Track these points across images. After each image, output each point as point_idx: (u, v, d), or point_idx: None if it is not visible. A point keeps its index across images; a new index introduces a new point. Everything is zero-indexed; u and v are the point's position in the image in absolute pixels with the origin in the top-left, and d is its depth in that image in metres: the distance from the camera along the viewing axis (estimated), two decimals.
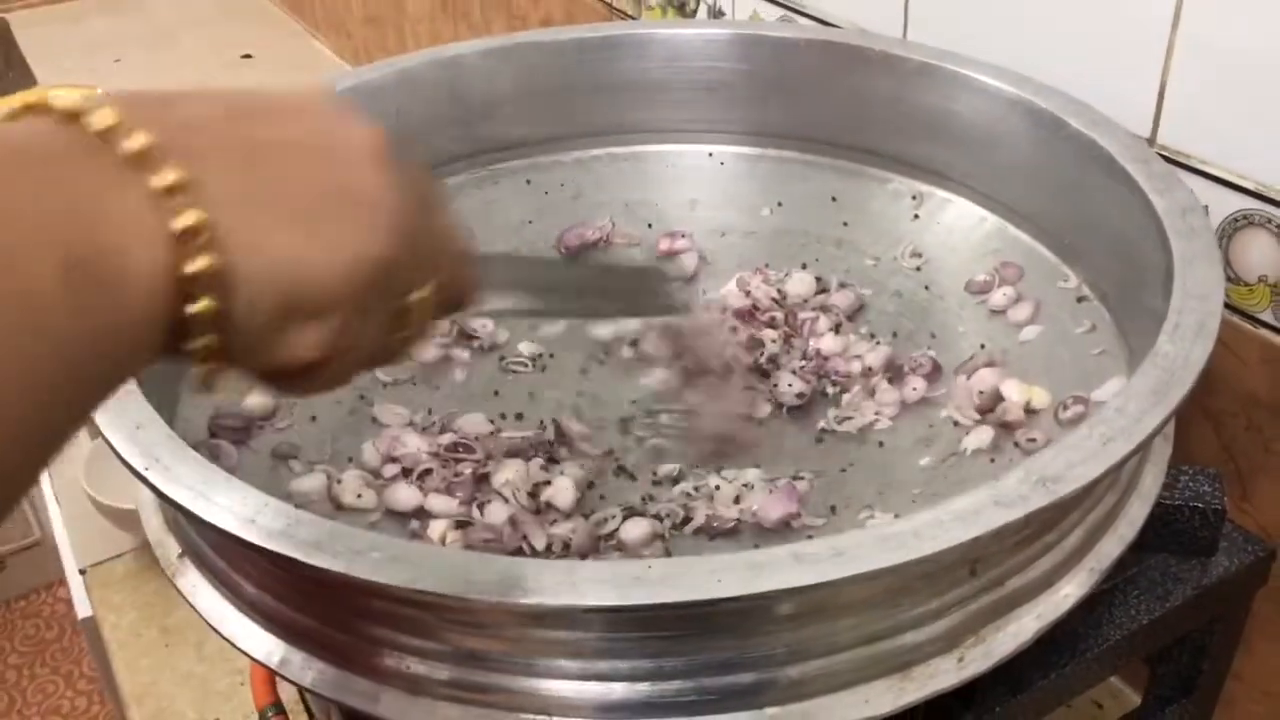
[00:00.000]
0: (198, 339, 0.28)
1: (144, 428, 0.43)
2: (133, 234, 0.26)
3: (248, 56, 2.02)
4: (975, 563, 0.41)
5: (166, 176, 0.27)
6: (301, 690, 0.77)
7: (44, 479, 1.11)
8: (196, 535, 0.48)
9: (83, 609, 1.01)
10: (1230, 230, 0.63)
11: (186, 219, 0.27)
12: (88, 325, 0.25)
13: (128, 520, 0.96)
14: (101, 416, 0.44)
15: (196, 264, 0.27)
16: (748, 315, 0.68)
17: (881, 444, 0.60)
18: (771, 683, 0.40)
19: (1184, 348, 0.44)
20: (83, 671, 2.09)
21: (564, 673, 0.40)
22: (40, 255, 0.24)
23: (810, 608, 0.39)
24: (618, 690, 0.40)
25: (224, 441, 0.57)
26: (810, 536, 0.53)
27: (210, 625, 0.46)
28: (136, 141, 0.27)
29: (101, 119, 0.27)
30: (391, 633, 0.41)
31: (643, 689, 0.40)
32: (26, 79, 1.98)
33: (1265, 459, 0.66)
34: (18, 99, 0.28)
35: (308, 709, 0.78)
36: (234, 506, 0.40)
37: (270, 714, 0.76)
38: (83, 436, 1.06)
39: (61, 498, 1.07)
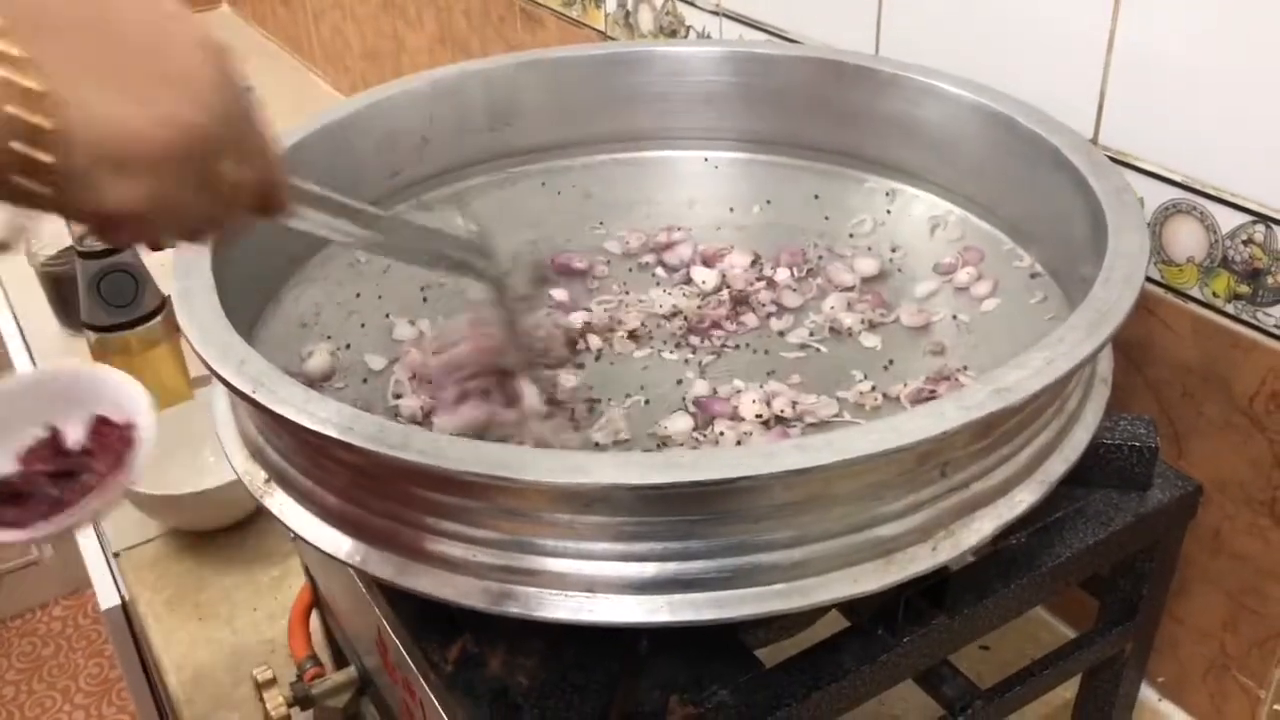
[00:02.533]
0: (25, 180, 0.34)
1: (247, 362, 0.52)
2: None
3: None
4: (945, 465, 0.50)
5: (11, 50, 0.33)
6: (332, 637, 0.84)
7: None
8: (282, 459, 0.56)
9: (107, 600, 1.07)
10: (1162, 218, 0.72)
11: (28, 82, 0.33)
12: None
13: (157, 506, 1.03)
14: (209, 354, 0.52)
15: (34, 118, 0.33)
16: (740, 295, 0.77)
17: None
18: (777, 564, 0.49)
19: (1114, 292, 0.54)
20: (79, 686, 2.13)
21: (606, 554, 0.48)
22: None
23: (811, 495, 0.48)
24: (650, 569, 0.48)
25: None
26: None
27: (296, 534, 0.54)
28: None
29: None
30: (459, 525, 0.49)
31: (671, 568, 0.48)
32: None
33: (1198, 421, 0.75)
34: None
35: (338, 661, 0.86)
36: (332, 417, 0.48)
37: (308, 665, 0.84)
38: None
39: None
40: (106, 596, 1.07)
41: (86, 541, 1.11)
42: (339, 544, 0.53)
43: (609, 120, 0.86)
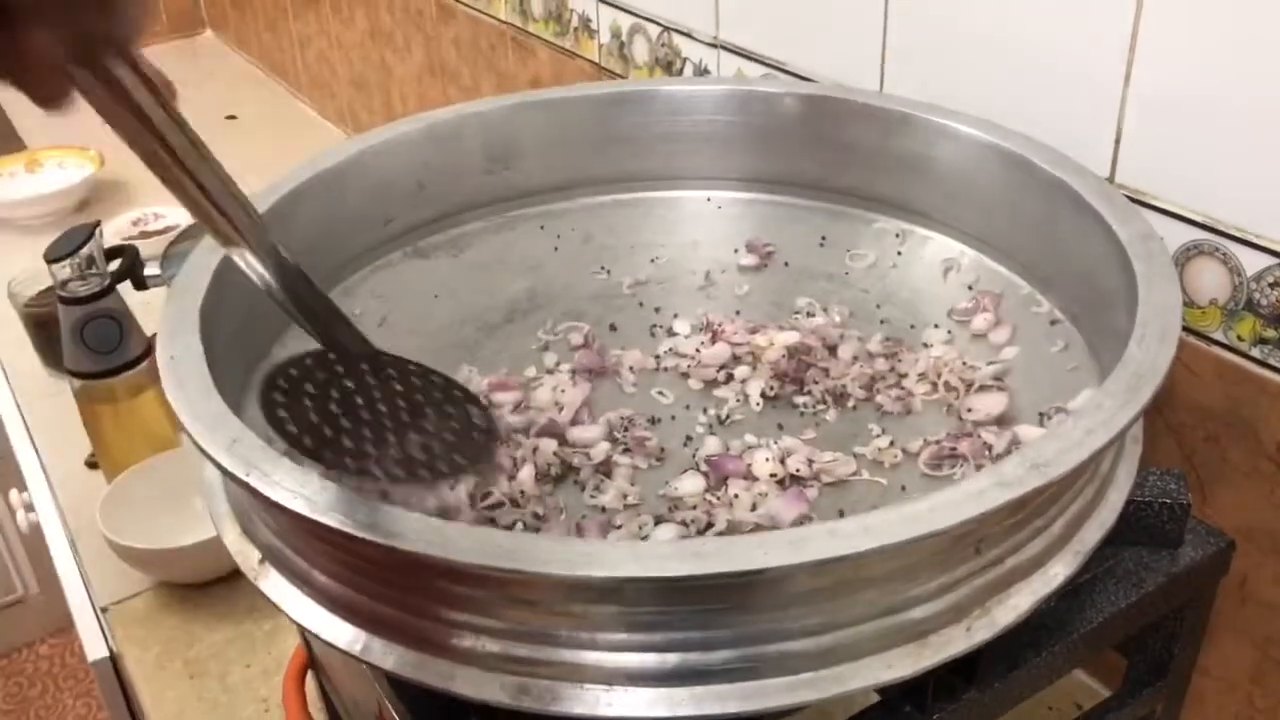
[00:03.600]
0: None
1: (240, 441, 0.49)
2: None
3: (232, 118, 2.08)
4: (980, 541, 0.47)
5: None
6: (329, 700, 0.81)
7: (58, 527, 1.14)
8: (278, 539, 0.53)
9: (94, 650, 1.04)
10: (1183, 259, 0.70)
11: None
12: None
13: (146, 560, 0.99)
14: (198, 432, 0.49)
15: None
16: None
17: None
18: (805, 652, 0.46)
19: (1150, 352, 0.51)
20: None
21: (624, 645, 0.45)
22: None
23: (840, 581, 0.45)
24: (671, 660, 0.45)
25: None
26: None
27: (295, 622, 0.51)
28: None
29: None
30: (467, 615, 0.47)
31: (694, 658, 0.45)
32: (12, 141, 2.02)
33: (1222, 467, 0.72)
34: None
35: None
36: (333, 504, 0.45)
37: None
38: (99, 479, 1.10)
39: (78, 539, 1.10)
40: (94, 648, 1.03)
41: (72, 592, 1.07)
42: (339, 631, 0.50)
43: (609, 161, 0.83)
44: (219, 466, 0.48)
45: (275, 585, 0.53)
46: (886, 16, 0.83)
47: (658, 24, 1.08)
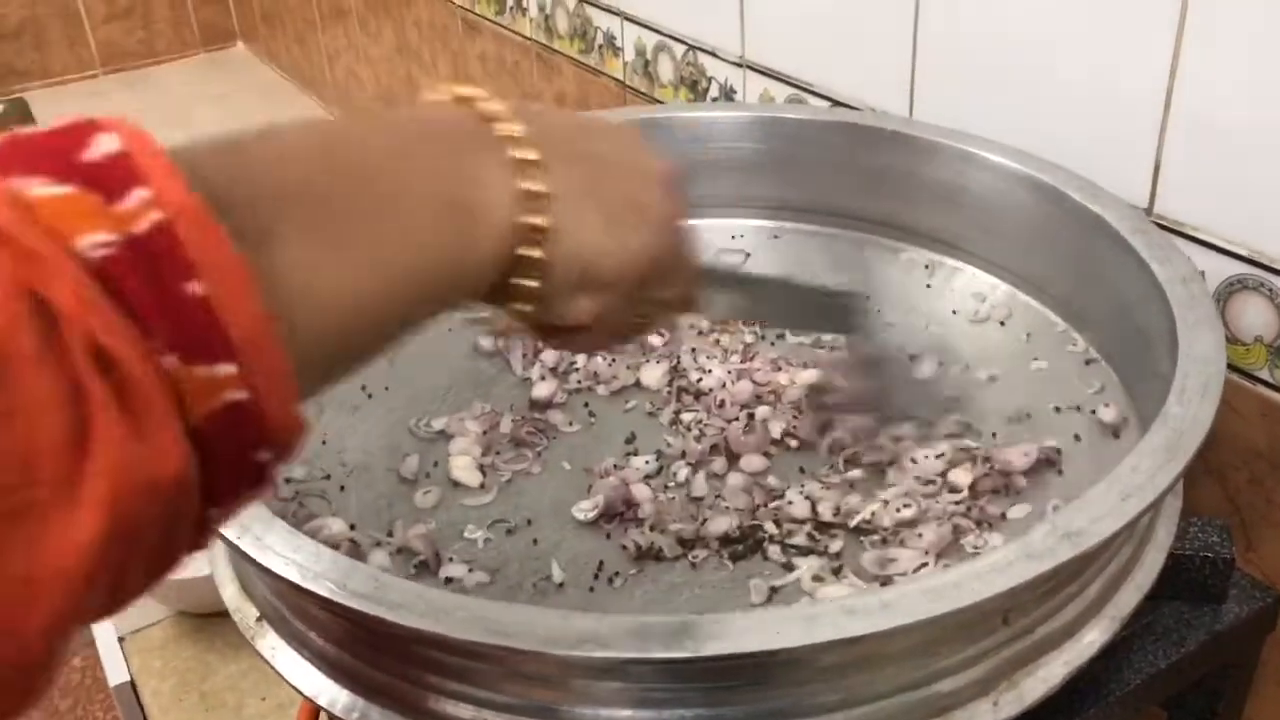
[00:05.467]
0: (521, 279, 0.38)
1: None
2: (496, 191, 0.36)
3: None
4: (1008, 612, 0.45)
5: (529, 154, 0.37)
6: None
7: None
8: (276, 599, 0.51)
9: (115, 675, 1.03)
10: (1226, 294, 0.67)
11: (536, 185, 0.37)
12: (449, 252, 0.35)
13: (163, 590, 0.98)
14: None
15: (535, 219, 0.37)
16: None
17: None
18: None
19: (1191, 409, 0.48)
20: None
21: None
22: (435, 193, 0.34)
23: (859, 657, 0.42)
24: None
25: None
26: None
27: (291, 684, 0.49)
28: (513, 129, 0.37)
29: (491, 109, 0.38)
30: (465, 686, 0.44)
31: None
32: None
33: (1268, 510, 0.69)
34: (449, 90, 0.39)
35: None
36: (326, 572, 0.43)
37: None
38: None
39: None
40: (115, 672, 1.03)
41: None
42: (335, 696, 0.48)
43: None
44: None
45: (272, 646, 0.51)
46: (916, 38, 0.80)
47: (683, 43, 1.05)
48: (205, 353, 0.25)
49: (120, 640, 1.01)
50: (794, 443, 0.66)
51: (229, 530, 0.45)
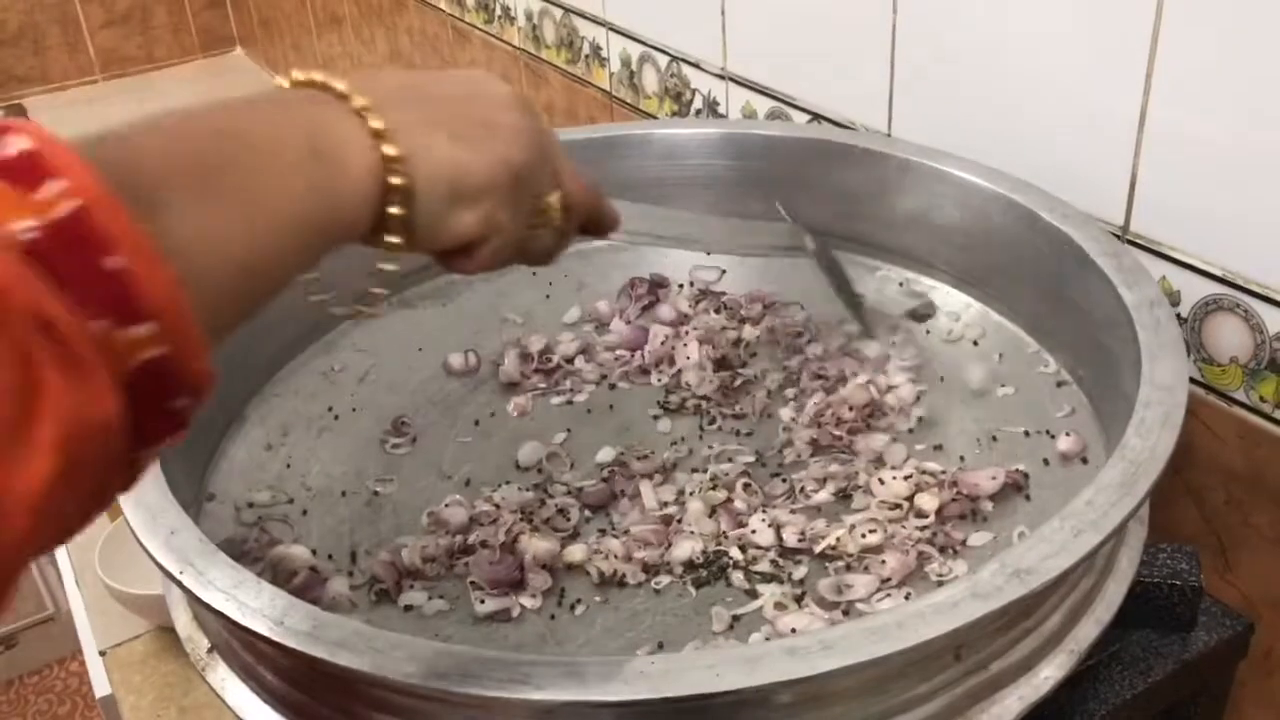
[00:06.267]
0: (393, 208, 0.40)
1: (177, 533, 0.46)
2: (352, 139, 0.39)
3: None
4: (959, 648, 0.44)
5: (361, 101, 0.40)
6: None
7: (62, 559, 1.13)
8: (226, 632, 0.50)
9: (100, 687, 1.03)
10: (1202, 314, 0.66)
11: (376, 122, 0.40)
12: (324, 196, 0.38)
13: (142, 605, 0.98)
14: (137, 521, 0.47)
15: (388, 149, 0.39)
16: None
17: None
18: None
19: (1150, 440, 0.47)
20: None
21: None
22: (296, 144, 0.37)
23: (804, 697, 0.42)
24: None
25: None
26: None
27: (236, 715, 0.49)
28: (342, 86, 0.40)
29: (325, 79, 0.41)
30: None
31: None
32: None
33: (1244, 531, 0.68)
34: (299, 74, 0.42)
35: None
36: (264, 609, 0.42)
37: None
38: (100, 521, 1.09)
39: (81, 580, 1.09)
40: (101, 685, 1.03)
41: (83, 628, 1.07)
42: None
43: None
44: (153, 560, 0.46)
45: (222, 678, 0.50)
46: (894, 55, 0.79)
47: (667, 54, 1.05)
48: (129, 316, 0.29)
49: (101, 654, 1.01)
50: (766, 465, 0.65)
51: (171, 564, 0.45)
